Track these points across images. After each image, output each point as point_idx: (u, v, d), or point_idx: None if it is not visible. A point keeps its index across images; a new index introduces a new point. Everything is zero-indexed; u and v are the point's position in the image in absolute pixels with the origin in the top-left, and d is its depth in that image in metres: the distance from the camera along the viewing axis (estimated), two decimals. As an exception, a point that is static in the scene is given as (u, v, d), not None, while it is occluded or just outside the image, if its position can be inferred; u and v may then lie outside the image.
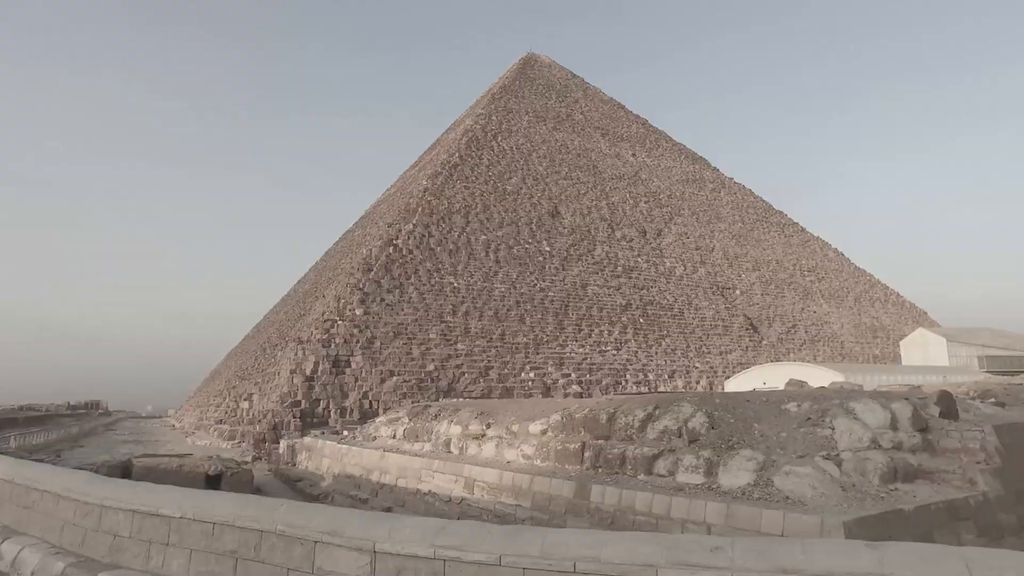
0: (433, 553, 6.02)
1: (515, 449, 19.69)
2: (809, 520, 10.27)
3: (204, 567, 7.03)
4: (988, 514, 12.08)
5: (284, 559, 6.71)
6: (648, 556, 5.47)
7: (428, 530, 6.29)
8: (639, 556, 5.46)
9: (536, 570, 5.88)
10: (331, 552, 6.49)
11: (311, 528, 6.69)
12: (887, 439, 13.84)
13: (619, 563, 5.38)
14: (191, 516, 7.46)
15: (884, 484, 12.64)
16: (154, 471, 25.58)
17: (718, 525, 11.52)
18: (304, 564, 6.60)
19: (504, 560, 6.00)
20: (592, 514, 14.23)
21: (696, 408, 15.54)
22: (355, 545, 6.45)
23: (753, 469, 13.07)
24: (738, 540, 5.36)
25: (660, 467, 14.77)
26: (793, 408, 15.41)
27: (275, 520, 6.88)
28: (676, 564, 5.34)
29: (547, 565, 5.83)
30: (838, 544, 5.33)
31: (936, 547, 5.08)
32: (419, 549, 6.10)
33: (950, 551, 4.80)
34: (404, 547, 6.17)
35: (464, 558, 5.94)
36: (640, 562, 5.43)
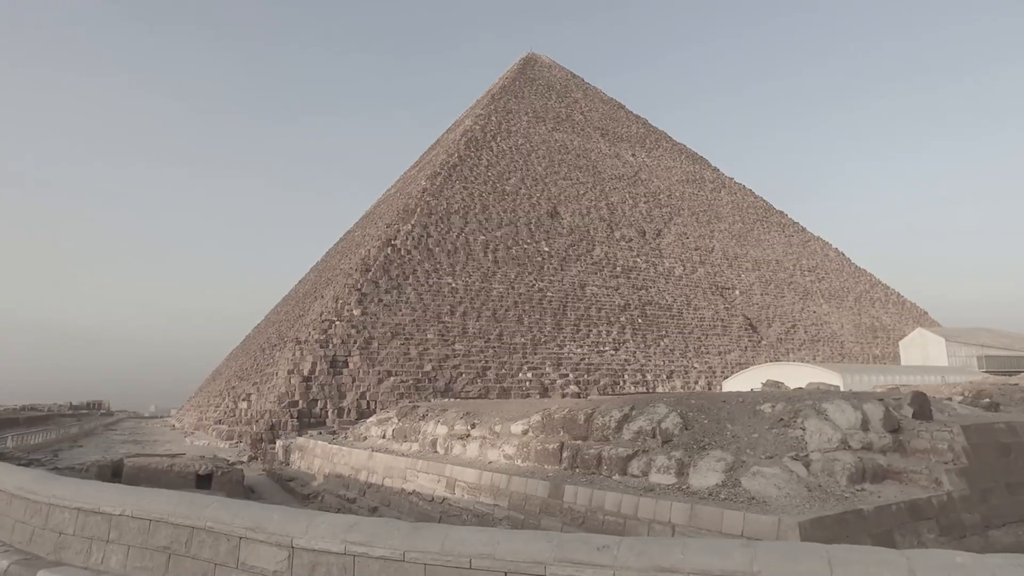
0: (344, 549, 6.27)
1: (497, 449, 19.85)
2: (766, 520, 10.39)
3: (140, 563, 7.22)
4: (951, 513, 12.18)
5: (211, 554, 6.91)
6: (538, 554, 5.68)
7: (340, 526, 6.52)
8: (529, 554, 5.68)
9: (436, 566, 6.08)
10: (254, 547, 6.71)
11: (236, 524, 6.89)
12: (857, 440, 13.94)
13: (511, 560, 5.59)
14: (130, 513, 7.66)
15: (851, 484, 12.75)
16: (145, 471, 25.81)
17: (682, 525, 11.65)
18: (229, 559, 6.80)
19: (408, 556, 6.22)
20: (564, 514, 14.37)
21: (670, 409, 15.67)
22: (275, 541, 6.67)
23: (722, 470, 13.19)
24: (625, 540, 5.53)
25: (634, 467, 14.89)
26: (767, 409, 15.52)
27: (204, 517, 7.08)
28: (563, 562, 5.54)
29: (446, 561, 6.03)
30: (714, 544, 5.46)
31: (805, 545, 5.22)
32: (331, 545, 6.35)
33: (816, 549, 4.94)
34: (318, 543, 6.42)
35: (371, 553, 6.16)
36: (530, 559, 5.65)
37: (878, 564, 4.63)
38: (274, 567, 6.52)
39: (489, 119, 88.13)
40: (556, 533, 6.25)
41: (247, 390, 61.61)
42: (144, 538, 7.30)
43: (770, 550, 4.97)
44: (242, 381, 67.61)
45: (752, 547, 5.02)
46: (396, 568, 6.17)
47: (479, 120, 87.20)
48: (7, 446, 38.39)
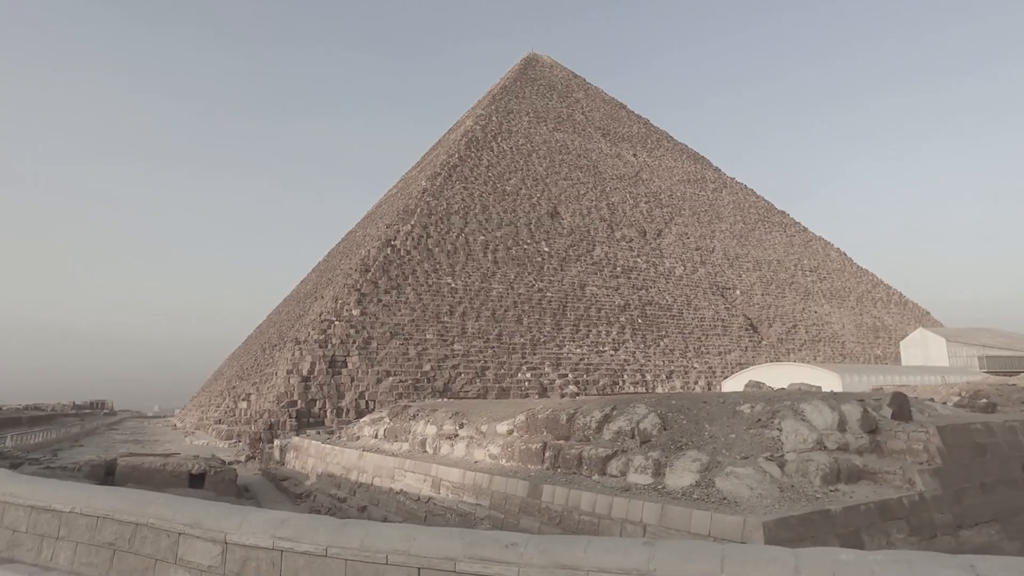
0: (272, 544, 6.48)
1: (483, 449, 19.97)
2: (732, 521, 10.47)
3: (86, 559, 7.38)
4: (922, 514, 12.22)
5: (153, 550, 7.07)
6: (449, 550, 5.86)
7: (271, 522, 6.70)
8: (441, 550, 5.83)
9: (355, 561, 6.29)
10: (191, 543, 6.88)
11: (176, 521, 7.06)
12: (832, 440, 14.00)
13: (424, 556, 5.78)
14: (79, 510, 7.82)
15: (825, 485, 12.81)
16: (138, 470, 26.01)
17: (653, 525, 11.73)
18: (169, 555, 6.97)
19: (330, 551, 6.42)
20: (542, 513, 14.48)
21: (650, 410, 15.75)
22: (210, 536, 6.86)
23: (697, 470, 13.27)
24: (534, 538, 5.70)
25: (613, 468, 14.98)
26: (746, 409, 15.59)
27: (148, 513, 7.25)
28: (472, 558, 5.69)
29: (365, 556, 6.24)
30: (615, 542, 5.59)
31: (700, 544, 5.34)
32: (261, 540, 6.55)
33: (711, 548, 5.07)
34: (249, 538, 6.61)
35: (296, 548, 6.37)
36: (442, 555, 5.80)
37: (767, 561, 4.76)
38: (208, 562, 6.71)
39: (490, 119, 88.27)
40: (470, 531, 6.39)
41: (247, 390, 61.92)
42: (91, 535, 7.46)
43: (668, 549, 5.10)
44: (242, 381, 67.93)
45: (652, 546, 5.15)
46: (319, 563, 6.37)
47: (480, 120, 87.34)
48: (6, 445, 38.70)
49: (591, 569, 5.24)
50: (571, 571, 5.18)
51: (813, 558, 4.71)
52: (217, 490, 26.30)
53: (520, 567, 5.46)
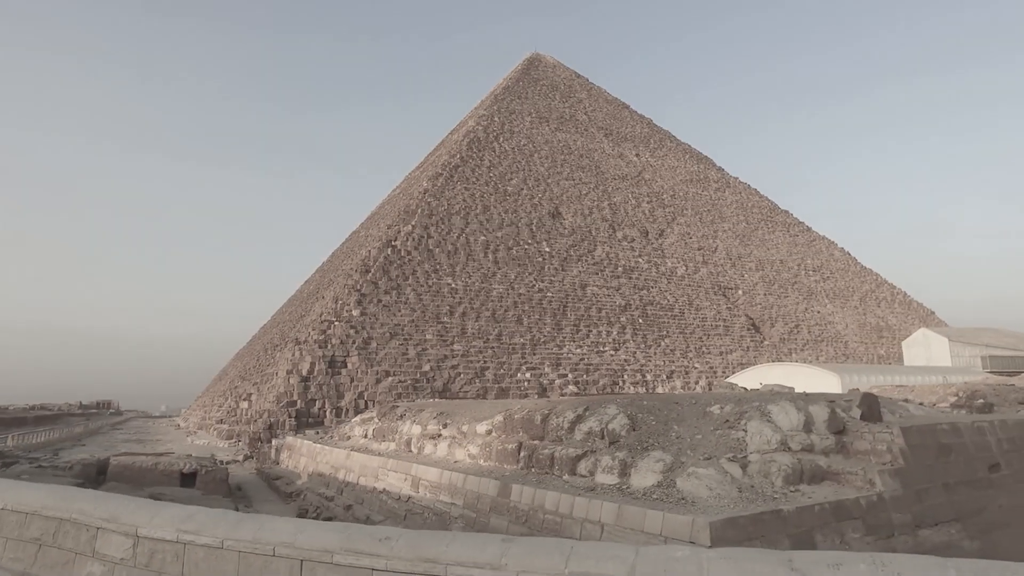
0: (177, 537, 6.85)
1: (464, 449, 20.19)
2: (682, 520, 10.63)
3: (14, 554, 7.68)
4: (880, 513, 12.33)
5: (74, 544, 7.40)
6: (328, 544, 6.17)
7: (177, 517, 7.05)
8: (321, 543, 6.19)
9: (247, 552, 6.66)
10: (108, 537, 7.22)
11: (95, 516, 7.39)
12: (797, 441, 14.12)
13: (307, 548, 6.15)
14: (10, 507, 8.14)
15: (787, 485, 12.94)
16: (129, 469, 26.40)
17: (610, 525, 11.91)
18: (87, 549, 7.30)
19: (225, 544, 6.81)
20: (511, 512, 14.67)
21: (619, 410, 15.92)
22: (123, 530, 7.19)
23: (660, 470, 13.43)
24: (406, 533, 6.01)
25: (582, 468, 15.16)
26: (716, 410, 15.73)
27: (72, 509, 7.57)
28: (348, 551, 6.00)
29: (255, 549, 6.61)
30: (476, 538, 5.83)
31: (551, 541, 5.55)
32: (167, 533, 6.92)
33: (560, 545, 5.31)
34: (157, 532, 6.98)
35: (196, 541, 6.74)
36: (321, 548, 6.15)
37: (608, 558, 4.99)
38: (121, 555, 7.07)
39: (492, 120, 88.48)
40: (352, 526, 6.68)
41: (248, 390, 62.41)
42: (20, 531, 7.78)
43: (521, 544, 5.35)
44: (244, 381, 68.47)
45: (508, 542, 5.38)
46: (216, 555, 6.73)
47: (482, 121, 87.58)
48: (7, 445, 39.20)
49: (449, 562, 5.53)
50: (432, 564, 5.52)
51: (650, 555, 4.93)
52: (208, 489, 26.66)
53: (388, 559, 5.78)
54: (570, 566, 5.02)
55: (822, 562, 4.58)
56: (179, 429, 74.05)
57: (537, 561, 5.28)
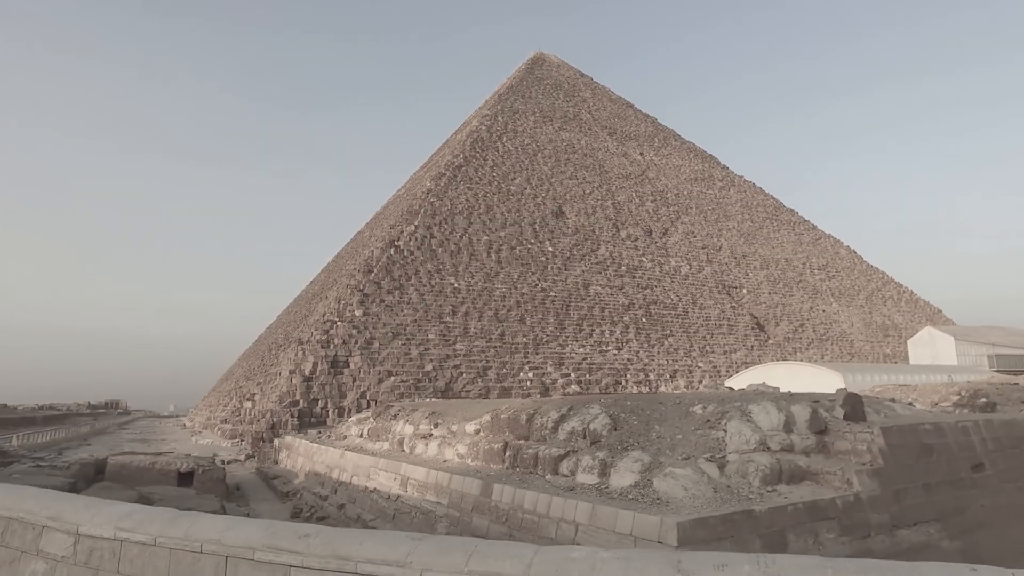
0: (114, 535, 7.04)
1: (453, 448, 20.29)
2: (651, 520, 10.67)
3: None
4: (856, 514, 12.33)
5: (20, 543, 7.59)
6: (250, 540, 6.37)
7: (116, 515, 7.22)
8: (245, 540, 6.38)
9: (178, 549, 6.83)
10: (51, 535, 7.41)
11: (41, 514, 7.57)
12: (776, 441, 14.12)
13: (231, 545, 6.33)
14: None
15: (765, 485, 12.95)
16: (127, 468, 26.64)
17: (584, 524, 11.96)
18: (32, 547, 7.49)
19: (158, 541, 6.97)
20: (492, 512, 14.75)
21: (602, 410, 15.96)
22: (66, 528, 7.40)
23: (638, 470, 13.46)
24: (324, 530, 6.17)
25: (564, 467, 15.22)
26: (699, 410, 15.74)
27: (22, 508, 7.75)
28: (268, 548, 6.19)
29: (185, 545, 6.78)
30: (388, 536, 5.96)
31: (460, 540, 5.65)
32: (105, 531, 7.10)
33: (464, 543, 5.43)
34: (96, 529, 7.17)
35: (132, 539, 6.94)
36: (244, 544, 6.35)
37: (507, 557, 5.10)
38: (63, 552, 7.26)
39: (495, 119, 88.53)
40: (274, 522, 6.84)
41: (252, 390, 62.77)
42: None
43: (428, 543, 5.46)
44: (249, 381, 68.86)
45: (418, 541, 5.50)
46: (149, 551, 6.93)
47: (485, 120, 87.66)
48: (12, 444, 39.60)
49: (360, 560, 5.67)
50: (344, 561, 5.68)
51: (548, 554, 5.03)
52: (205, 488, 26.85)
53: (304, 556, 5.96)
54: (471, 564, 5.16)
55: (709, 563, 4.64)
56: (185, 429, 74.56)
57: (441, 560, 5.44)
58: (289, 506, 27.03)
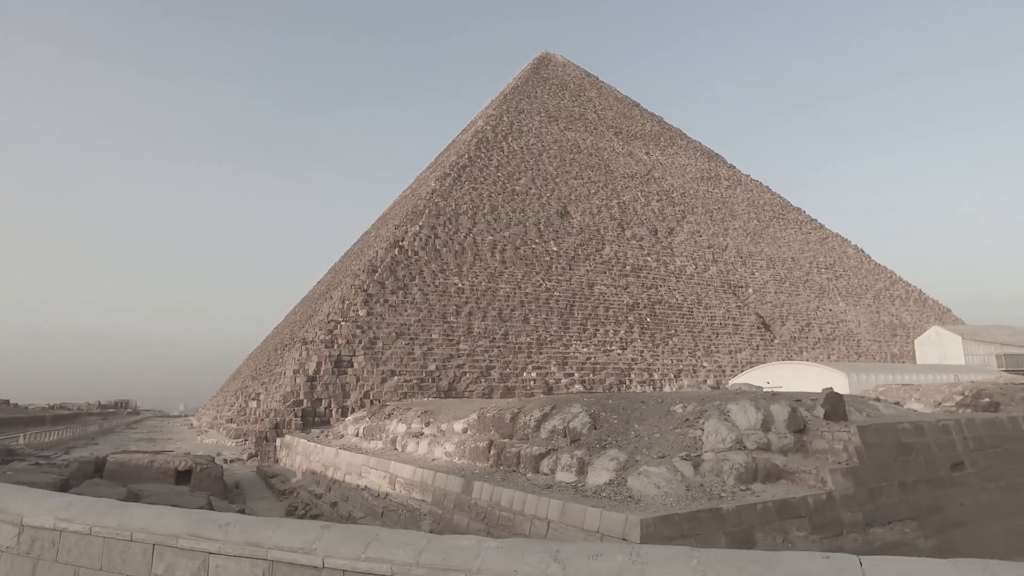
0: (54, 525, 7.36)
1: (441, 447, 20.47)
2: (616, 518, 10.77)
3: None
4: (828, 512, 12.37)
5: None
6: (175, 528, 6.77)
7: (57, 506, 7.57)
8: (170, 528, 6.79)
9: (111, 538, 7.14)
10: None
11: None
12: (753, 440, 14.18)
13: (158, 533, 6.70)
14: None
15: (739, 484, 13.01)
16: (126, 466, 27.00)
17: (556, 521, 12.09)
18: None
19: (94, 531, 7.27)
20: (472, 509, 14.90)
21: (583, 409, 16.07)
22: (11, 520, 7.75)
23: (614, 469, 13.57)
24: (244, 519, 6.45)
25: (544, 466, 15.35)
26: (679, 409, 15.82)
27: None
28: (191, 535, 6.54)
29: (117, 534, 7.09)
30: (298, 525, 6.26)
31: (359, 529, 5.90)
32: (46, 521, 7.45)
33: (365, 531, 5.71)
34: (38, 520, 7.45)
35: (70, 528, 7.34)
36: (169, 532, 6.72)
37: (401, 545, 5.39)
38: (7, 543, 7.61)
39: (501, 119, 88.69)
40: (200, 512, 7.10)
41: (257, 389, 63.27)
42: None
43: (334, 531, 5.72)
44: (254, 381, 69.40)
45: (327, 529, 5.75)
46: (85, 541, 7.27)
47: (490, 121, 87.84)
48: (19, 443, 40.14)
49: (271, 546, 5.95)
50: (256, 547, 5.95)
51: (438, 542, 5.27)
52: (202, 486, 27.16)
53: (223, 543, 6.30)
54: (368, 551, 5.43)
55: (583, 553, 4.82)
56: (192, 428, 75.23)
57: (342, 547, 5.72)
58: (285, 504, 27.32)
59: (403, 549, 5.45)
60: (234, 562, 6.17)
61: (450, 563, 5.07)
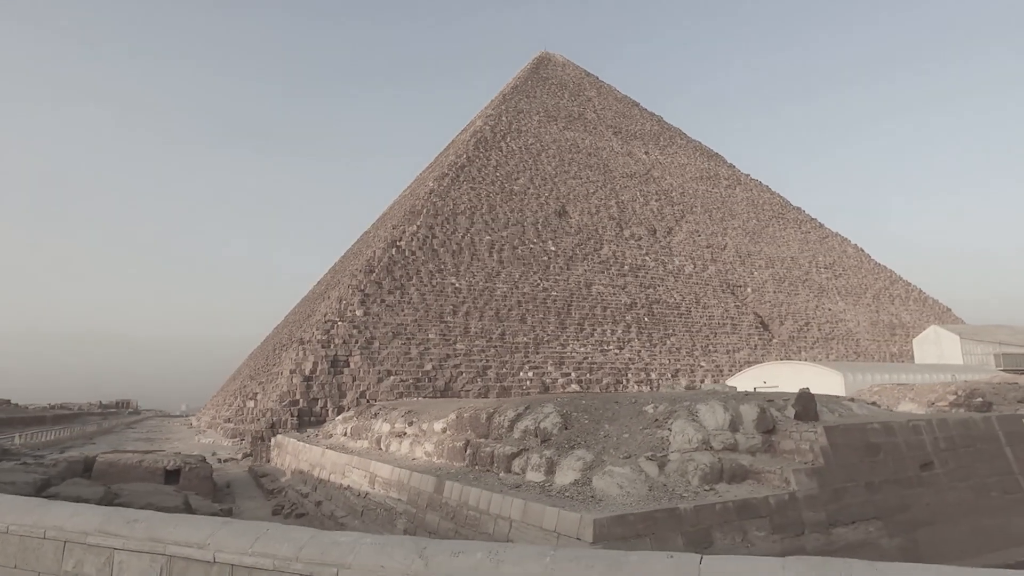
0: None
1: (422, 446, 20.59)
2: (572, 517, 10.87)
3: None
4: (790, 512, 12.44)
5: None
6: (86, 525, 6.99)
7: None
8: (82, 525, 7.06)
9: (26, 536, 7.37)
10: None
11: None
12: (719, 440, 14.26)
13: (70, 530, 7.04)
14: None
15: (704, 484, 13.09)
16: (115, 466, 27.17)
17: (517, 520, 12.20)
18: None
19: (11, 529, 7.50)
20: (442, 508, 15.02)
21: (555, 409, 16.16)
22: None
23: (580, 468, 13.67)
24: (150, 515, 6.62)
25: (516, 465, 15.46)
26: (650, 410, 15.90)
27: None
28: (99, 532, 6.84)
29: (32, 532, 7.33)
30: (197, 521, 6.47)
31: (251, 525, 6.09)
32: None
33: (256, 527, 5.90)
34: None
35: None
36: (80, 529, 6.98)
37: (284, 540, 5.63)
38: None
39: (499, 119, 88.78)
40: (112, 510, 7.27)
41: (255, 389, 63.53)
42: None
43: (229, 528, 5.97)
44: (252, 380, 69.67)
45: (223, 525, 5.93)
46: (3, 539, 7.54)
47: (489, 120, 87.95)
48: (14, 443, 40.40)
49: (170, 542, 6.20)
50: (156, 543, 6.17)
51: (318, 537, 5.54)
52: (190, 486, 27.30)
53: (127, 539, 6.60)
54: (255, 547, 5.63)
55: (447, 550, 4.98)
56: (191, 428, 75.56)
57: (232, 542, 5.94)
58: (274, 503, 27.48)
59: (286, 544, 5.66)
60: (136, 557, 6.37)
61: (326, 558, 5.28)
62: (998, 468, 16.03)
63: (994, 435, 16.61)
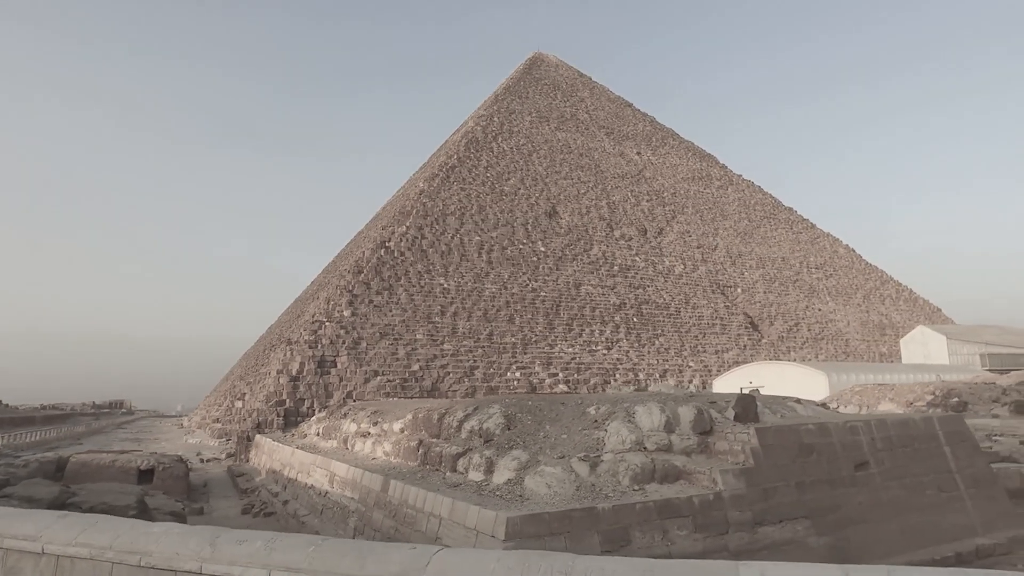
0: None
1: (382, 446, 20.90)
2: (488, 515, 11.17)
3: None
4: (714, 512, 12.71)
5: None
6: None
7: None
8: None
9: None
10: None
11: None
12: (653, 441, 14.54)
13: None
14: None
15: (634, 484, 13.35)
16: (88, 466, 27.51)
17: (445, 519, 12.51)
18: None
19: None
20: (387, 507, 15.34)
21: (499, 410, 16.46)
22: None
23: (515, 468, 13.95)
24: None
25: (460, 465, 15.75)
26: (592, 411, 16.19)
27: None
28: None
29: None
30: (31, 515, 6.81)
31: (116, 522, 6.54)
32: None
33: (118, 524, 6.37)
34: None
35: None
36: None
37: (103, 531, 6.18)
38: None
39: (491, 120, 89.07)
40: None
41: (244, 390, 63.87)
42: None
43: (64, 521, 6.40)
44: (242, 381, 70.03)
45: (62, 519, 6.39)
46: None
47: (480, 121, 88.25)
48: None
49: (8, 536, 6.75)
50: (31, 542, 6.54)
51: (136, 529, 6.07)
52: (164, 486, 27.66)
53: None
54: (80, 538, 6.18)
55: (233, 539, 5.39)
56: (181, 428, 75.92)
57: (61, 534, 6.42)
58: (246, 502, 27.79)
59: (104, 535, 6.11)
60: (-25, 551, 6.67)
61: (135, 546, 5.75)
62: (935, 467, 16.30)
63: (933, 435, 16.88)
